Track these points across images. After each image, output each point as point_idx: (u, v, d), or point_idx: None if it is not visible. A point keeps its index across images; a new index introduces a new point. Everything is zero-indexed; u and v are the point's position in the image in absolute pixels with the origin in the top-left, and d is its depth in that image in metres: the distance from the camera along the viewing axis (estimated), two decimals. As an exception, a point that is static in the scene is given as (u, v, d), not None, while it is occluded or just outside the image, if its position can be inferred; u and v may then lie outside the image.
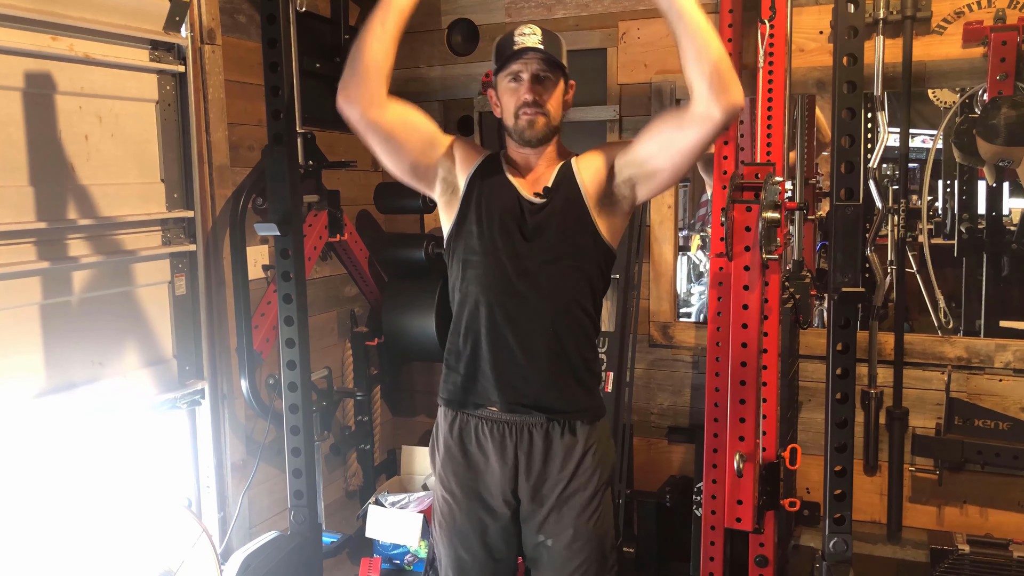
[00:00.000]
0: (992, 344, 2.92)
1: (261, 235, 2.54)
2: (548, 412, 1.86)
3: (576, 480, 1.87)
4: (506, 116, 1.89)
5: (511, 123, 1.87)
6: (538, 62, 1.82)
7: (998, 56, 2.69)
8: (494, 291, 1.85)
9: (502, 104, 1.90)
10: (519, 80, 1.85)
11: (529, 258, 1.84)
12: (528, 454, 1.86)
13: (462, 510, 1.91)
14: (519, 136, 1.87)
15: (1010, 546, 2.73)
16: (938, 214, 4.74)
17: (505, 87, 1.87)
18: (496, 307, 1.84)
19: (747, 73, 2.96)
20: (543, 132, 1.86)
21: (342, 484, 3.44)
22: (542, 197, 1.87)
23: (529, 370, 1.84)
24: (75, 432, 2.31)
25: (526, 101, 1.83)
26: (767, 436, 2.57)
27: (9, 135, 2.13)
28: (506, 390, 1.85)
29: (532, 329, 1.84)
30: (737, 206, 2.25)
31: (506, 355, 1.85)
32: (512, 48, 1.83)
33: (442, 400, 1.95)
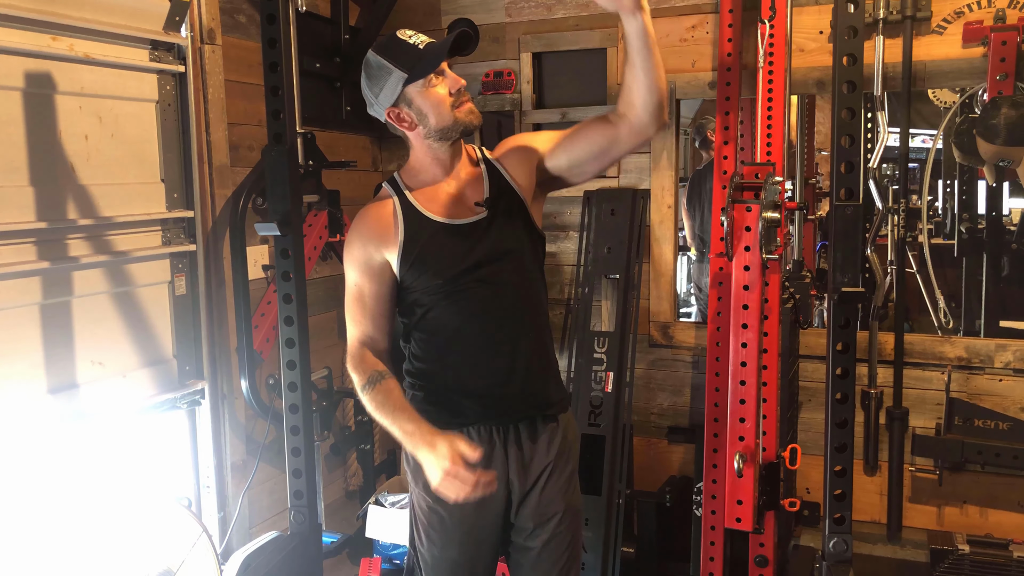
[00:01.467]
0: (992, 344, 2.92)
1: (261, 235, 2.54)
2: (535, 411, 1.91)
3: (560, 460, 1.93)
4: (439, 117, 1.80)
5: (447, 122, 1.80)
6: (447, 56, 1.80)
7: (998, 56, 2.69)
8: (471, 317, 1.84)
9: (429, 107, 1.80)
10: (443, 74, 1.80)
11: (496, 275, 1.84)
12: (517, 446, 1.89)
13: (453, 515, 1.89)
14: (463, 128, 1.82)
15: (1010, 546, 2.73)
16: (938, 214, 4.74)
17: (428, 89, 1.79)
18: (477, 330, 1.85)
19: (747, 73, 2.96)
20: (479, 117, 1.85)
21: (342, 484, 3.44)
22: (481, 207, 1.85)
23: (516, 380, 1.87)
24: (75, 432, 2.31)
25: (461, 88, 1.80)
26: (767, 436, 2.57)
27: (9, 135, 2.13)
28: (494, 407, 1.87)
29: (515, 339, 1.86)
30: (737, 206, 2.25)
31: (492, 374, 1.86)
32: (419, 51, 1.77)
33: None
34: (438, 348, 1.87)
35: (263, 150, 2.47)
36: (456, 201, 1.87)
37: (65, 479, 2.32)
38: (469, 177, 1.90)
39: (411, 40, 1.78)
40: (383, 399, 1.81)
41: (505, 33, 3.36)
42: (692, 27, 3.14)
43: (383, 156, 3.70)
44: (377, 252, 1.85)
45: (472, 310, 1.84)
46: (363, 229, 1.87)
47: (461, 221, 1.84)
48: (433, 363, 1.89)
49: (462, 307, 1.84)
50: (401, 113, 1.83)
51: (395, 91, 1.79)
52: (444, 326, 1.85)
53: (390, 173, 3.68)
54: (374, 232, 1.85)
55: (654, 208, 3.25)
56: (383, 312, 1.87)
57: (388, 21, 3.41)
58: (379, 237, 1.85)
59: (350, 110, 3.45)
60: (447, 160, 1.88)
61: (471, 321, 1.84)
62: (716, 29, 3.05)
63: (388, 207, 1.86)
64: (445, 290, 1.83)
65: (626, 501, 3.03)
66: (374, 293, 1.86)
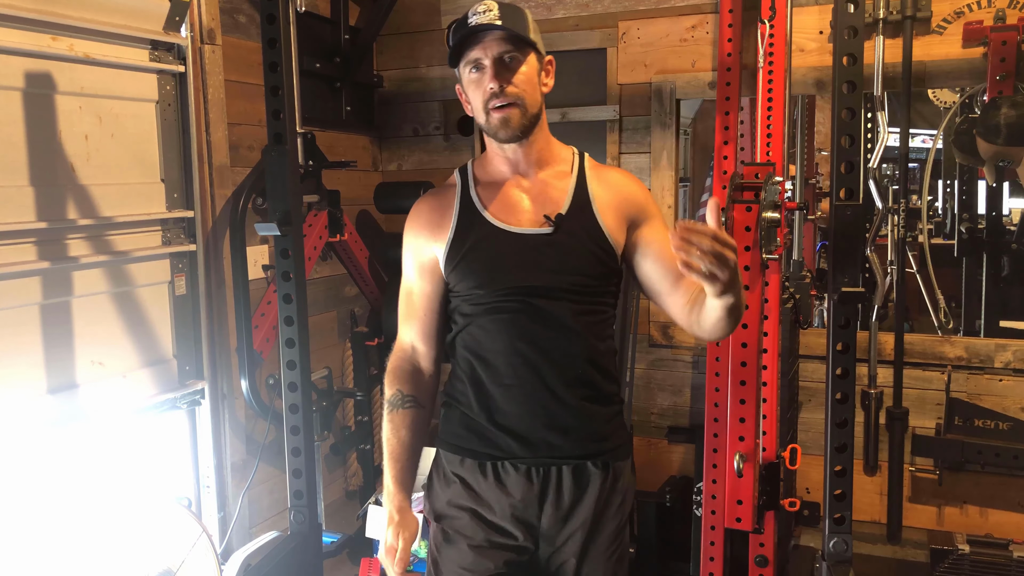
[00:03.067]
0: (992, 344, 2.92)
1: (261, 235, 2.54)
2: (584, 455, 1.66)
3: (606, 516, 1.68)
4: (477, 113, 1.63)
5: (483, 121, 1.62)
6: (499, 42, 1.56)
7: (998, 56, 2.69)
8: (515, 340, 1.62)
9: (471, 101, 1.63)
10: (481, 68, 1.58)
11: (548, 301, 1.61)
12: (557, 492, 1.65)
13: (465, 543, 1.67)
14: (493, 135, 1.62)
15: (1010, 546, 2.73)
16: (938, 214, 4.75)
17: (468, 79, 1.61)
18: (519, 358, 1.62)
19: (747, 73, 2.96)
20: (520, 127, 1.60)
21: (342, 484, 3.44)
22: (549, 223, 1.62)
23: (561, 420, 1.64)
24: (75, 432, 2.31)
25: (493, 92, 1.57)
26: (767, 436, 2.57)
27: (9, 135, 2.13)
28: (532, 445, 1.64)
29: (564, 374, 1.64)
30: (737, 206, 2.25)
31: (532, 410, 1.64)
32: (466, 28, 1.56)
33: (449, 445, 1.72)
34: (477, 369, 1.66)
35: (263, 150, 2.47)
36: (521, 206, 1.66)
37: (65, 479, 2.32)
38: (548, 184, 1.67)
39: (471, 17, 1.57)
40: (390, 432, 1.72)
41: (505, 33, 3.36)
42: (692, 27, 3.14)
43: (383, 156, 3.70)
44: (427, 245, 1.69)
45: (517, 333, 1.61)
46: (417, 218, 1.72)
47: (519, 230, 1.63)
48: (471, 385, 1.67)
49: (506, 327, 1.62)
50: (459, 91, 1.67)
51: (457, 70, 1.65)
52: (485, 346, 1.64)
53: (390, 173, 3.71)
54: (426, 222, 1.70)
55: (654, 208, 3.24)
56: (431, 314, 1.71)
57: (388, 21, 3.42)
58: (431, 228, 1.69)
59: (350, 110, 3.45)
60: (518, 159, 1.67)
61: (514, 345, 1.62)
62: (716, 29, 3.05)
63: (449, 196, 1.70)
64: (487, 303, 1.63)
65: (626, 501, 3.03)
66: (423, 291, 1.71)
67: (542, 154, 1.68)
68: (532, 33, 1.63)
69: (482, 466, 1.67)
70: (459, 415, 1.70)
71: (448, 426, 1.73)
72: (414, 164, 3.65)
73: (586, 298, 1.64)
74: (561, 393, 1.63)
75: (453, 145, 3.57)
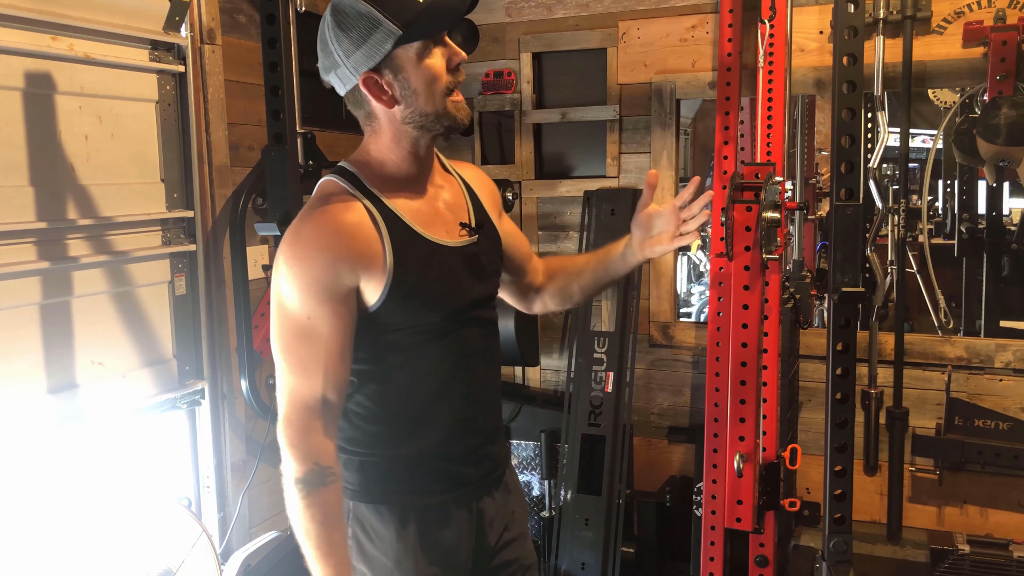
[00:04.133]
0: (992, 344, 2.92)
1: (261, 235, 2.54)
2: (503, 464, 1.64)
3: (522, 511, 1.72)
4: (430, 98, 1.38)
5: (437, 106, 1.39)
6: (465, 23, 1.48)
7: (998, 56, 2.69)
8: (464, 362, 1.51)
9: (421, 82, 1.37)
10: (444, 44, 1.38)
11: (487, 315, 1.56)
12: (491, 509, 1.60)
13: None
14: (449, 124, 1.41)
15: (1010, 546, 2.73)
16: (938, 214, 4.75)
17: (422, 59, 1.37)
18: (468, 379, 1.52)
19: (747, 73, 2.96)
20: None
21: (342, 484, 3.44)
22: (470, 233, 1.52)
23: (498, 437, 1.61)
24: (75, 432, 2.31)
25: (458, 82, 1.41)
26: (767, 436, 2.57)
27: (9, 135, 2.13)
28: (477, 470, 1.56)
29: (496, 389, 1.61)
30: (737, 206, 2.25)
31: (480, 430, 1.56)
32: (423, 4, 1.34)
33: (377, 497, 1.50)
34: (420, 403, 1.48)
35: (263, 150, 2.47)
36: (437, 214, 1.48)
37: (65, 479, 2.32)
38: (444, 185, 1.54)
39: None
40: (313, 519, 1.39)
41: (505, 33, 3.36)
42: (692, 27, 3.14)
43: (383, 156, 3.69)
44: (351, 274, 1.37)
45: (466, 354, 1.49)
46: (336, 243, 1.36)
47: (451, 243, 1.47)
48: (408, 423, 1.48)
49: (455, 351, 1.48)
50: (383, 81, 1.38)
51: (380, 50, 1.35)
52: (431, 375, 1.47)
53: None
54: (352, 250, 1.36)
55: (654, 208, 3.25)
56: (342, 357, 1.38)
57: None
58: (357, 254, 1.37)
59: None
60: (426, 157, 1.47)
61: (463, 368, 1.49)
62: (716, 29, 3.05)
63: (359, 214, 1.39)
64: (438, 330, 1.45)
65: (626, 501, 3.04)
66: (337, 330, 1.36)
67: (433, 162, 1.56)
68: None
69: (424, 512, 1.51)
70: (388, 461, 1.50)
71: (377, 481, 1.50)
72: (414, 164, 3.65)
73: (496, 301, 1.65)
74: (496, 398, 1.62)
75: (453, 145, 3.57)
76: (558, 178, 3.42)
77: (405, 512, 1.50)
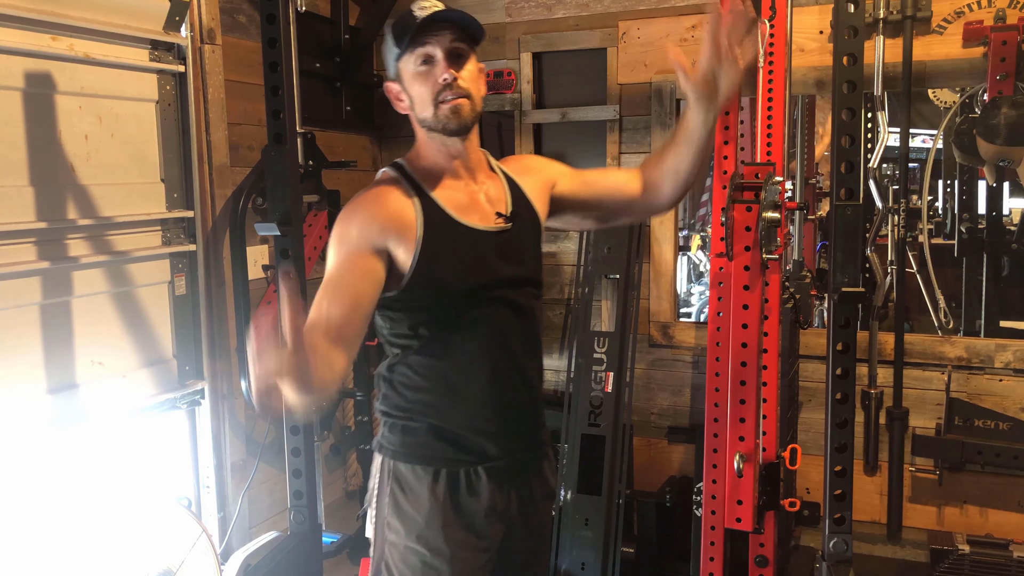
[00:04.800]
0: (992, 344, 2.92)
1: (261, 235, 2.54)
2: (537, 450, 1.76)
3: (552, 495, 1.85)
4: (421, 107, 1.59)
5: (428, 114, 1.58)
6: (451, 34, 1.56)
7: (998, 56, 2.69)
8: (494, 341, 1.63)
9: (411, 94, 1.59)
10: (431, 61, 1.56)
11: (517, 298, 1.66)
12: (526, 485, 1.73)
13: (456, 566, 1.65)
14: (442, 127, 1.58)
15: (1010, 546, 2.72)
16: (938, 214, 4.75)
17: (415, 72, 1.57)
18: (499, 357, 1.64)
19: (747, 73, 2.96)
20: (469, 119, 1.59)
21: (342, 484, 3.44)
22: (505, 221, 1.65)
23: (530, 416, 1.72)
24: (75, 432, 2.31)
25: (447, 82, 1.55)
26: (767, 436, 2.57)
27: (9, 135, 2.13)
28: (506, 442, 1.67)
29: (532, 370, 1.70)
30: (737, 206, 2.24)
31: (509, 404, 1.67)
32: (415, 21, 1.54)
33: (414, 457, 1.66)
34: (448, 376, 1.63)
35: (263, 150, 2.47)
36: (475, 204, 1.64)
37: (65, 479, 2.32)
38: (488, 182, 1.69)
39: (416, 10, 1.55)
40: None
41: (505, 33, 3.36)
42: (692, 27, 3.14)
43: (383, 156, 3.70)
44: (382, 240, 1.54)
45: (495, 333, 1.63)
46: (373, 209, 1.57)
47: (484, 228, 1.62)
48: (441, 393, 1.63)
49: (484, 328, 1.61)
50: (397, 91, 1.63)
51: (392, 64, 1.61)
52: (460, 349, 1.62)
53: (390, 173, 3.70)
54: (386, 217, 1.56)
55: (654, 208, 3.25)
56: (359, 313, 1.50)
57: (388, 21, 3.42)
58: (392, 224, 1.55)
59: (350, 110, 3.45)
60: (460, 153, 1.63)
61: (494, 346, 1.63)
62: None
63: (402, 194, 1.59)
64: (465, 304, 1.60)
65: (626, 501, 3.03)
66: (357, 277, 1.52)
67: (476, 152, 1.69)
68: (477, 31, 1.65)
69: (455, 475, 1.64)
70: (425, 427, 1.64)
71: (413, 445, 1.65)
72: (414, 164, 3.65)
73: (539, 289, 1.73)
74: (530, 384, 1.70)
75: (453, 145, 3.57)
76: (558, 178, 3.42)
77: (437, 472, 1.64)
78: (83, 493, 2.32)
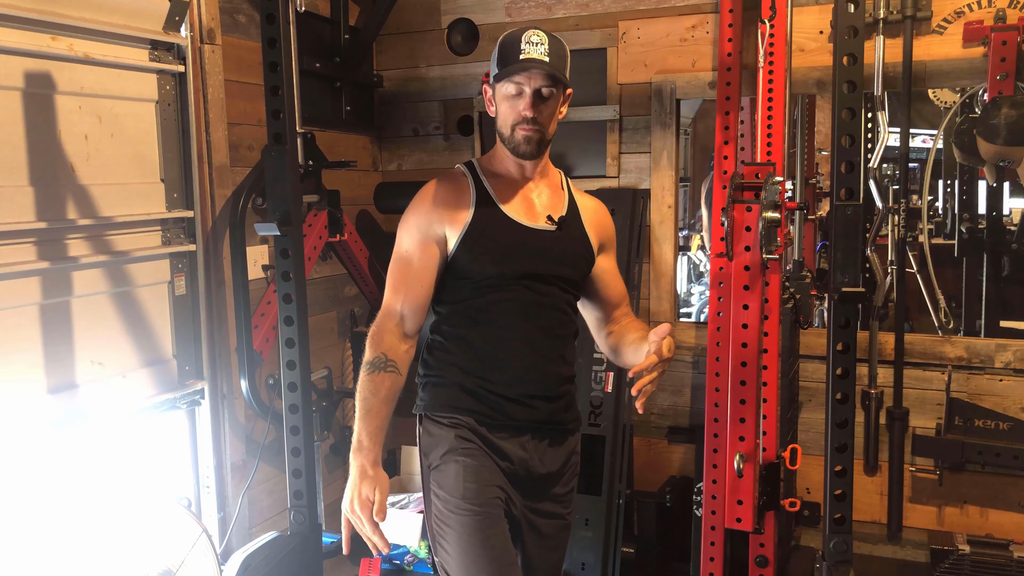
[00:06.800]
0: (992, 344, 2.92)
1: (261, 235, 2.54)
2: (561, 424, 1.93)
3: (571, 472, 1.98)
4: (502, 124, 1.85)
5: (506, 133, 1.84)
6: (543, 78, 1.77)
7: (998, 56, 2.69)
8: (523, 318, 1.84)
9: (499, 110, 1.85)
10: (520, 94, 1.79)
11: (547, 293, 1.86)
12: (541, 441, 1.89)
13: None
14: (513, 149, 1.84)
15: (1010, 546, 2.73)
16: (938, 214, 4.75)
17: (504, 95, 1.82)
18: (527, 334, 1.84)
19: (747, 73, 2.96)
20: (538, 149, 1.84)
21: (342, 484, 3.43)
22: (552, 223, 1.87)
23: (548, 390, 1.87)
24: (75, 432, 2.31)
25: (525, 118, 1.80)
26: (767, 436, 2.57)
27: (9, 135, 2.13)
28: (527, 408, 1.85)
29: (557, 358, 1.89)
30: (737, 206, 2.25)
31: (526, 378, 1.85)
32: (517, 57, 1.77)
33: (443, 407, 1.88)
34: (476, 344, 1.84)
35: (263, 150, 2.47)
36: (527, 204, 1.88)
37: (65, 479, 2.32)
38: (549, 191, 1.92)
39: (523, 44, 1.78)
40: (369, 391, 1.79)
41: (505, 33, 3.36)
42: (692, 27, 3.14)
43: (383, 156, 3.70)
44: (440, 223, 1.83)
45: (521, 310, 1.83)
46: (434, 196, 1.86)
47: (530, 224, 1.86)
48: (469, 359, 1.85)
49: (512, 305, 1.83)
50: (490, 96, 1.88)
51: (493, 73, 1.85)
52: (490, 322, 1.84)
53: (390, 173, 3.71)
54: (444, 202, 1.84)
55: (654, 208, 3.25)
56: (424, 285, 1.83)
57: (388, 21, 3.42)
58: (448, 209, 1.83)
59: (350, 110, 3.45)
60: (527, 168, 1.88)
61: (519, 326, 1.83)
62: (716, 29, 3.05)
63: (463, 185, 1.87)
64: (497, 284, 1.82)
65: (626, 501, 3.03)
66: (423, 263, 1.83)
67: (544, 167, 1.93)
68: (567, 72, 1.85)
69: (478, 422, 1.84)
70: (455, 386, 1.85)
71: (441, 397, 1.87)
72: (414, 164, 3.65)
73: (571, 290, 1.91)
74: (553, 366, 1.87)
75: (453, 145, 3.57)
76: (558, 178, 3.42)
77: (461, 418, 1.85)
78: (83, 493, 2.32)
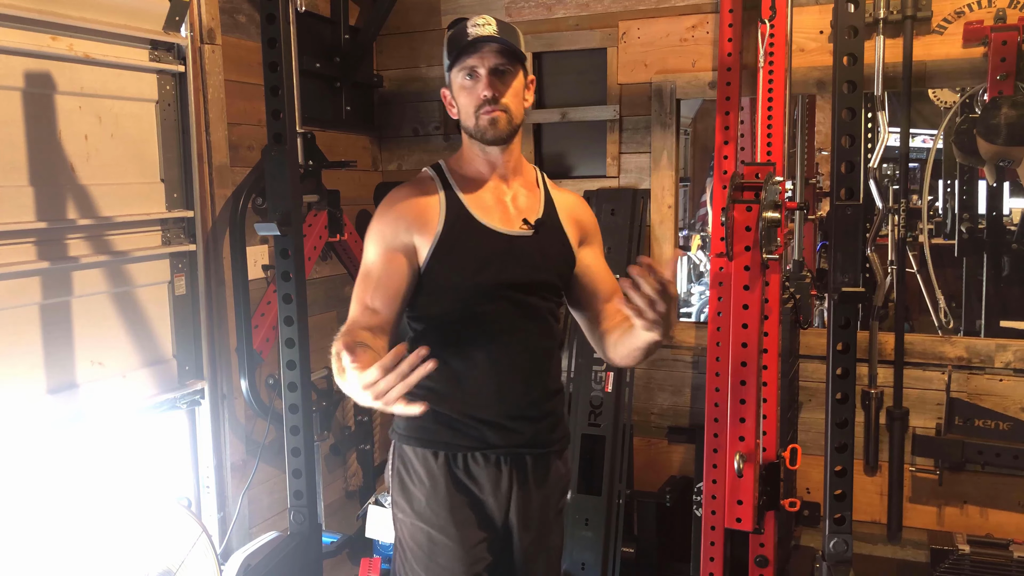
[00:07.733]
0: (992, 344, 2.92)
1: (261, 235, 2.54)
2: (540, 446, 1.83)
3: (557, 497, 1.90)
4: (464, 115, 1.74)
5: (471, 123, 1.73)
6: (495, 54, 1.68)
7: (998, 56, 2.69)
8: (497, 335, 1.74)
9: (458, 104, 1.75)
10: (475, 76, 1.70)
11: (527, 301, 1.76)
12: (522, 480, 1.80)
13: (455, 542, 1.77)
14: (480, 136, 1.73)
15: (1010, 546, 2.72)
16: (938, 214, 4.75)
17: (461, 84, 1.73)
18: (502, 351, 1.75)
19: (747, 73, 2.96)
20: (506, 131, 1.72)
21: (342, 484, 3.44)
22: (529, 227, 1.77)
23: (528, 410, 1.79)
24: (75, 432, 2.31)
25: (485, 98, 1.69)
26: (767, 436, 2.57)
27: (9, 135, 2.13)
28: (504, 433, 1.77)
29: (537, 371, 1.80)
30: (737, 206, 2.25)
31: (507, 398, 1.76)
32: (465, 39, 1.68)
33: (415, 440, 1.80)
34: (449, 363, 1.72)
35: (263, 150, 2.47)
36: (500, 207, 1.78)
37: (65, 479, 2.32)
38: (522, 191, 1.81)
39: (469, 28, 1.69)
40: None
41: (505, 33, 3.36)
42: (692, 27, 3.14)
43: (383, 156, 3.70)
44: (407, 233, 1.72)
45: (498, 326, 1.73)
46: (400, 206, 1.74)
47: (504, 230, 1.75)
48: (441, 379, 1.70)
49: (488, 320, 1.73)
50: (449, 98, 1.78)
51: (446, 74, 1.77)
52: (463, 338, 1.73)
53: (390, 173, 3.71)
54: (411, 212, 1.73)
55: (654, 208, 3.25)
56: (390, 298, 1.69)
57: (388, 21, 3.42)
58: (415, 218, 1.72)
59: (350, 110, 3.45)
60: (498, 163, 1.78)
61: (494, 341, 1.74)
62: (716, 29, 3.05)
63: (431, 192, 1.76)
64: (470, 298, 1.72)
65: (626, 501, 3.03)
66: (388, 271, 1.70)
67: (517, 164, 1.82)
68: (522, 48, 1.75)
69: (453, 458, 1.77)
70: (428, 415, 1.68)
71: (415, 422, 1.76)
72: (414, 164, 3.65)
73: (553, 297, 1.82)
74: (533, 384, 1.79)
75: (453, 145, 3.57)
76: (558, 178, 3.41)
77: (436, 454, 1.77)
78: (83, 493, 2.32)
